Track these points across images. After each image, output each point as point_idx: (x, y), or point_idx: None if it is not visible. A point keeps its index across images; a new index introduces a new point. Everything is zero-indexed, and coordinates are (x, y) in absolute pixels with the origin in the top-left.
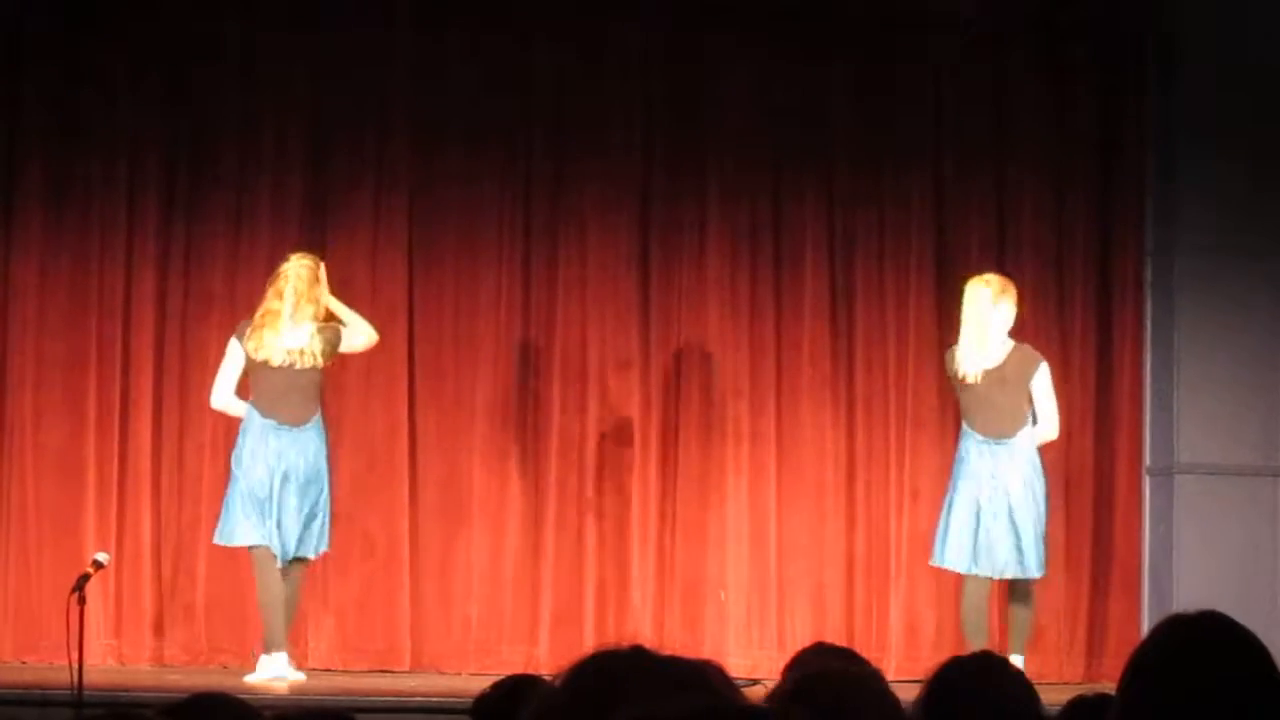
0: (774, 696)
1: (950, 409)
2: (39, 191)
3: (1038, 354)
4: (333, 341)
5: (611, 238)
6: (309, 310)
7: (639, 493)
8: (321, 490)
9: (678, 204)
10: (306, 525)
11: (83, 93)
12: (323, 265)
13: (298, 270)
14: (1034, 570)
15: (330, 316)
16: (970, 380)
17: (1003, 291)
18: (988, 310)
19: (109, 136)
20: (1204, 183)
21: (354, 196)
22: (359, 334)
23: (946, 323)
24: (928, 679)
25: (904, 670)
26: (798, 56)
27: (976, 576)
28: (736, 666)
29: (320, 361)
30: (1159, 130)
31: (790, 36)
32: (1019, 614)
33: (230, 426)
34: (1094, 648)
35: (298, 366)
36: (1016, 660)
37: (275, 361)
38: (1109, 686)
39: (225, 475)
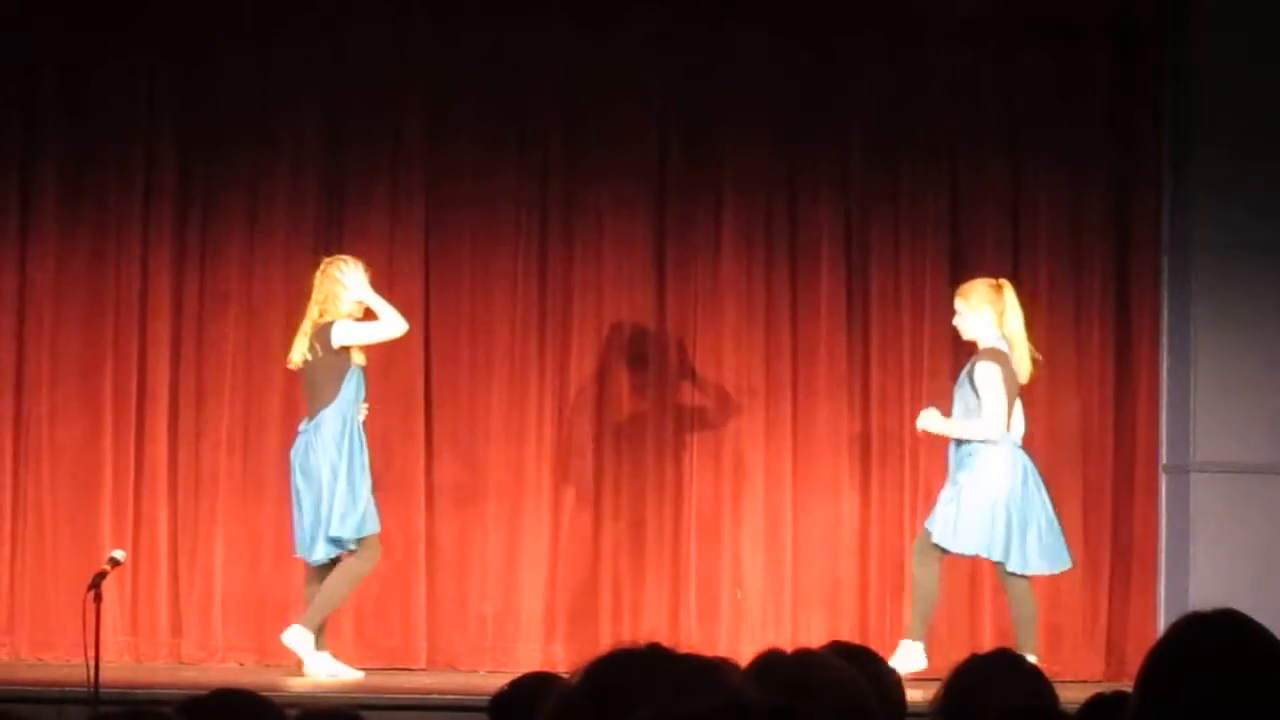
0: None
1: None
2: (55, 190)
3: None
4: (321, 337)
5: (627, 234)
6: (314, 310)
7: (654, 491)
8: (316, 490)
9: (693, 200)
10: (311, 525)
11: (97, 94)
12: (341, 262)
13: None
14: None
15: (370, 314)
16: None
17: None
18: None
19: (124, 137)
20: (1220, 180)
21: (369, 193)
22: (382, 326)
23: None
24: (947, 677)
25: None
26: (812, 54)
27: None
28: None
29: (309, 356)
30: (1175, 127)
31: (804, 34)
32: (1031, 611)
33: (248, 424)
34: (1112, 646)
35: (300, 366)
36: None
37: (291, 365)
38: (1127, 685)
39: (240, 472)
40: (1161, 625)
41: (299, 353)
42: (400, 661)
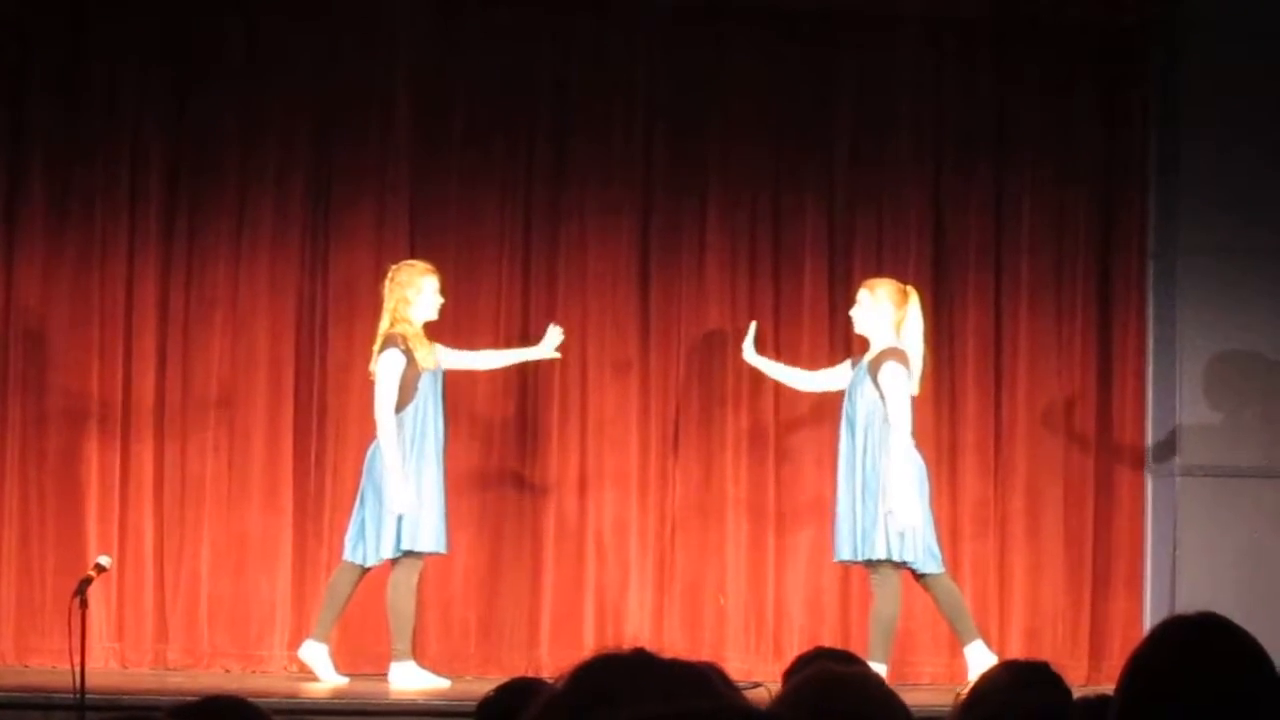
0: (790, 704)
1: (945, 415)
2: (42, 193)
3: None
4: (377, 355)
5: (612, 238)
6: (385, 320)
7: (638, 496)
8: (377, 494)
9: (678, 202)
10: (370, 528)
11: (84, 98)
12: (408, 268)
13: None
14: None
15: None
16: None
17: None
18: None
19: (111, 141)
20: (1207, 183)
21: (356, 197)
22: (383, 409)
23: (942, 327)
24: (974, 684)
25: (898, 675)
26: (798, 55)
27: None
28: (734, 670)
29: (371, 369)
30: (1161, 129)
31: (790, 35)
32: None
33: (234, 430)
34: (1096, 649)
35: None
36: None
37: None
38: (1111, 688)
39: (225, 478)
40: (1146, 629)
41: (372, 362)
42: (385, 667)
